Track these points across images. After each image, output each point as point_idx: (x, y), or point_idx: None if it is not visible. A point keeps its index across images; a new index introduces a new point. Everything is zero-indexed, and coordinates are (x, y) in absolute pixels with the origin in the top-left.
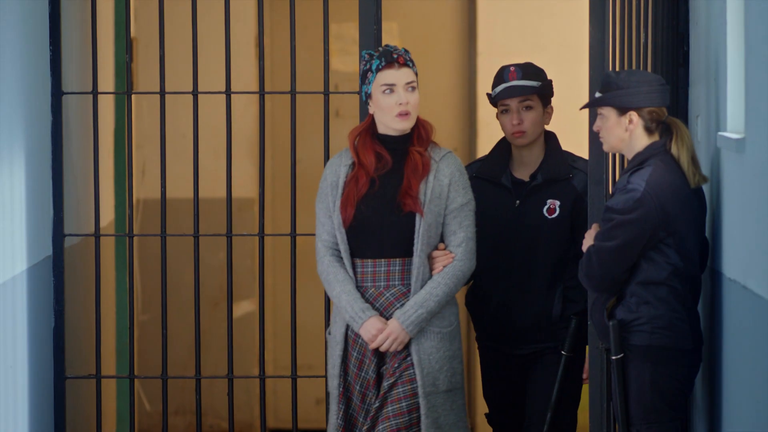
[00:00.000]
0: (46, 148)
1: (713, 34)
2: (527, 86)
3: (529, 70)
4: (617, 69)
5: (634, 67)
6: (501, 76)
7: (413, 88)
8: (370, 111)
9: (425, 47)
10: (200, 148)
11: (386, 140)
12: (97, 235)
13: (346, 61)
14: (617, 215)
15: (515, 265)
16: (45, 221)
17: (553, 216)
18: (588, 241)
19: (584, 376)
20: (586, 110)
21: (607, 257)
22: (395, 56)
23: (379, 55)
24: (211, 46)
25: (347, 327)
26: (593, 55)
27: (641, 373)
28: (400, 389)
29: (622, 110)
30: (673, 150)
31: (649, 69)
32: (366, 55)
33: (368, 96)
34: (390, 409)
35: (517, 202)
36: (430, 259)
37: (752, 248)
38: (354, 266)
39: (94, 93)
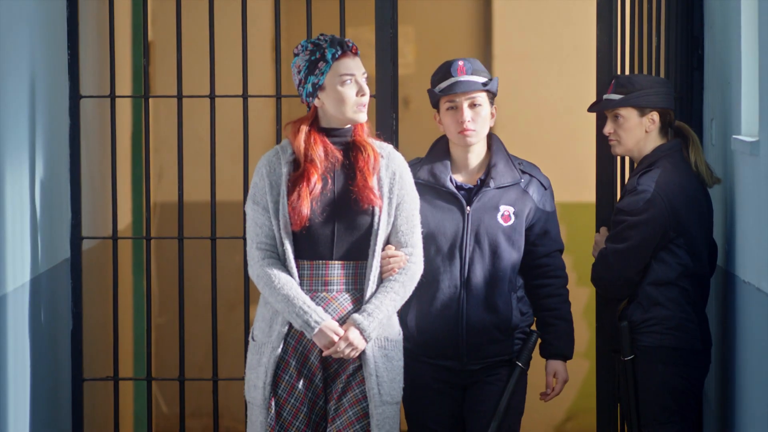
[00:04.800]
0: (64, 152)
1: (727, 37)
2: (478, 82)
3: (477, 66)
4: (626, 72)
5: (645, 70)
6: (447, 70)
7: (366, 78)
8: (317, 104)
9: (441, 50)
10: (217, 152)
11: (331, 134)
12: (114, 237)
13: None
14: (628, 217)
15: (472, 275)
16: (63, 224)
17: (509, 223)
18: (599, 244)
19: (549, 391)
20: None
21: (620, 259)
22: (350, 45)
23: (331, 43)
24: (228, 49)
25: (288, 332)
26: (600, 58)
27: (652, 373)
28: (351, 412)
29: (643, 111)
30: (691, 154)
31: (662, 72)
32: (310, 45)
33: (318, 87)
34: (339, 422)
35: (468, 208)
36: (381, 260)
37: (766, 250)
38: (300, 268)
39: (112, 96)
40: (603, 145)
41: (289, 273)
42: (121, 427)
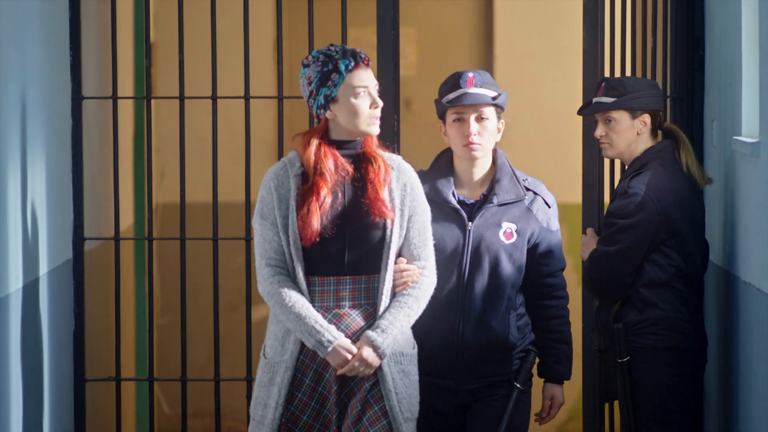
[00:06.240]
0: (66, 153)
1: (728, 38)
2: (487, 95)
3: (487, 78)
4: (617, 74)
5: (639, 71)
6: (456, 81)
7: (378, 91)
8: (329, 116)
9: (443, 51)
10: (219, 153)
11: (341, 147)
12: (116, 238)
13: None
14: (619, 220)
15: (470, 292)
16: (65, 225)
17: (511, 241)
18: (589, 246)
19: (544, 415)
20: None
21: (611, 261)
22: (362, 56)
23: (344, 55)
24: (230, 50)
25: (300, 350)
26: (587, 59)
27: (649, 374)
28: (371, 430)
29: (635, 113)
30: (682, 155)
31: (659, 73)
32: (321, 56)
33: (330, 100)
34: None
35: (470, 224)
36: (394, 273)
37: (766, 251)
38: (311, 285)
39: (114, 98)
40: (589, 146)
41: (300, 290)
42: (122, 428)
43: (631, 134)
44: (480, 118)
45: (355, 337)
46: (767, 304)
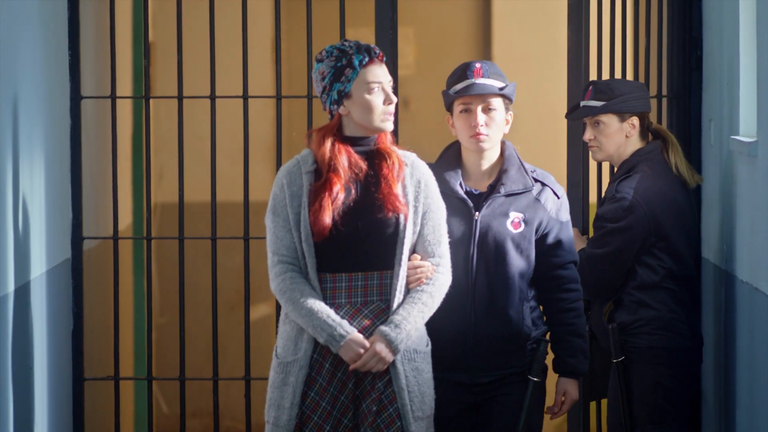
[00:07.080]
0: (65, 152)
1: (726, 38)
2: (494, 86)
3: (495, 69)
4: (607, 76)
5: (630, 72)
6: (463, 72)
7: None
8: (342, 112)
9: (441, 52)
10: (217, 152)
11: (355, 143)
12: (115, 238)
13: None
14: (608, 224)
15: (480, 282)
16: (64, 224)
17: (519, 230)
18: (576, 246)
19: (556, 410)
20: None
21: (599, 264)
22: (377, 52)
23: (358, 50)
24: (229, 50)
25: (314, 349)
26: (572, 60)
27: (644, 374)
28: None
29: (623, 116)
30: (671, 156)
31: (653, 74)
32: (336, 51)
33: (344, 95)
34: None
35: (477, 214)
36: (408, 270)
37: (764, 251)
38: (323, 281)
39: (113, 97)
40: (573, 145)
41: (312, 286)
42: (121, 427)
43: (620, 137)
44: (487, 109)
45: (368, 333)
46: (766, 303)
